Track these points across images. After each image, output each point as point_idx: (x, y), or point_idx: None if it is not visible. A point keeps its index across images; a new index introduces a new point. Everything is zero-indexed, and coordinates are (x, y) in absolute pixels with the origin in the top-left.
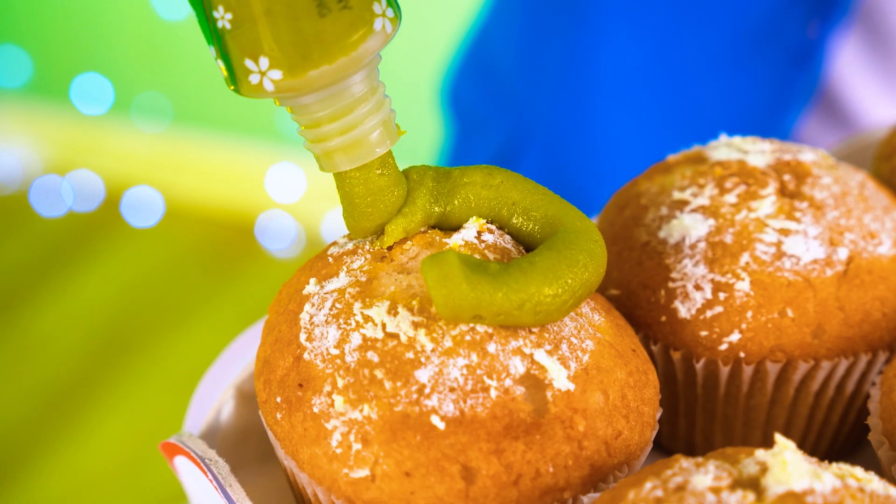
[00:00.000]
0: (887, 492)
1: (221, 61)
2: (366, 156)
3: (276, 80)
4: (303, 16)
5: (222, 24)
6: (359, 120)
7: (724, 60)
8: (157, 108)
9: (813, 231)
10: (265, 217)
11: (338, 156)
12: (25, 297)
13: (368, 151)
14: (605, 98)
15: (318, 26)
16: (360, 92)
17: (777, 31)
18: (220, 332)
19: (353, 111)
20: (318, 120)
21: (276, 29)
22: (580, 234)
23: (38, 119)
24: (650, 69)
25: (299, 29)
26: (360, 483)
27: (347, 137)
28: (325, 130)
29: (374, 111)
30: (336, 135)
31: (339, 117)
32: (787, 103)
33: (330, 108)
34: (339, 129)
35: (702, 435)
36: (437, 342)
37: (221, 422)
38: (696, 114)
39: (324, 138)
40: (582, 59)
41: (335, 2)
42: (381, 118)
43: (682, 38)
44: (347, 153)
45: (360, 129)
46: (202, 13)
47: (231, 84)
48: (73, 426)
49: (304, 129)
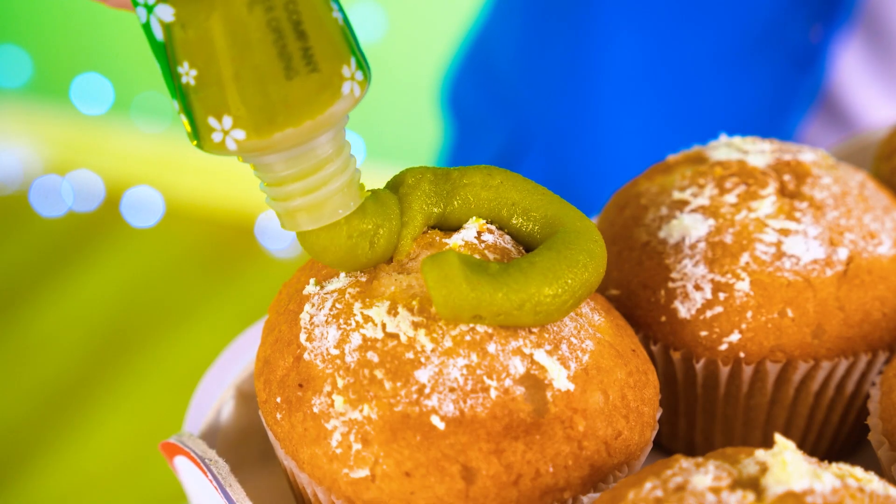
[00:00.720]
0: (887, 492)
1: (184, 116)
2: (329, 216)
3: (240, 140)
4: (270, 78)
5: (186, 79)
6: (324, 180)
7: (726, 63)
8: (157, 108)
9: (813, 231)
10: (265, 217)
11: (300, 216)
12: (25, 297)
13: (332, 212)
14: (606, 100)
15: (284, 89)
16: (325, 153)
17: (780, 34)
18: (220, 332)
19: (318, 172)
20: (281, 179)
21: (243, 91)
22: (580, 235)
23: (38, 119)
24: (652, 71)
25: (266, 92)
26: (360, 483)
27: (311, 198)
28: (288, 190)
29: (340, 172)
30: (299, 195)
31: (304, 177)
32: (790, 107)
33: (294, 168)
34: (303, 189)
35: (702, 435)
36: (437, 342)
37: (221, 422)
38: (698, 116)
39: (287, 197)
40: (583, 60)
41: (303, 64)
42: (346, 179)
43: (685, 40)
44: (310, 213)
45: (325, 189)
46: (166, 67)
47: (193, 139)
48: (73, 426)
49: (267, 186)
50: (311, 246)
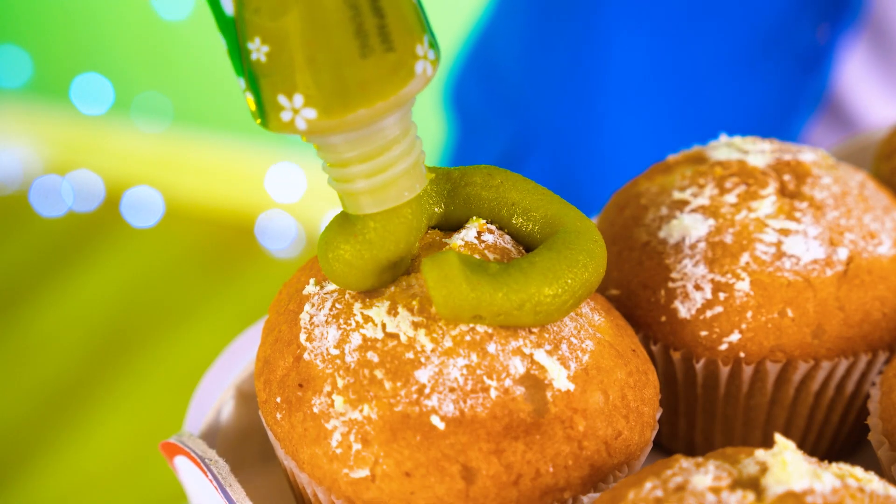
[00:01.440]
0: (887, 492)
1: (251, 94)
2: (394, 199)
3: (311, 120)
4: (345, 57)
5: (257, 56)
6: (389, 163)
7: (732, 64)
8: (157, 108)
9: (813, 231)
10: (265, 217)
11: (364, 198)
12: (25, 297)
13: (397, 195)
14: (611, 100)
15: (359, 69)
16: (392, 135)
17: (786, 35)
18: (220, 332)
19: (384, 154)
20: (345, 160)
21: (317, 69)
22: (580, 235)
23: (38, 119)
24: (657, 72)
25: (341, 71)
26: (360, 483)
27: (376, 180)
28: (352, 171)
29: (406, 154)
30: (363, 177)
31: (369, 159)
32: (796, 108)
33: (360, 149)
34: (368, 172)
35: (702, 435)
36: (437, 342)
37: (221, 422)
38: (703, 118)
39: (350, 179)
40: (588, 61)
41: (379, 42)
42: (411, 161)
43: (690, 41)
44: (375, 196)
45: (391, 171)
46: (234, 42)
47: (258, 118)
48: (73, 426)
49: (329, 166)
50: (333, 264)
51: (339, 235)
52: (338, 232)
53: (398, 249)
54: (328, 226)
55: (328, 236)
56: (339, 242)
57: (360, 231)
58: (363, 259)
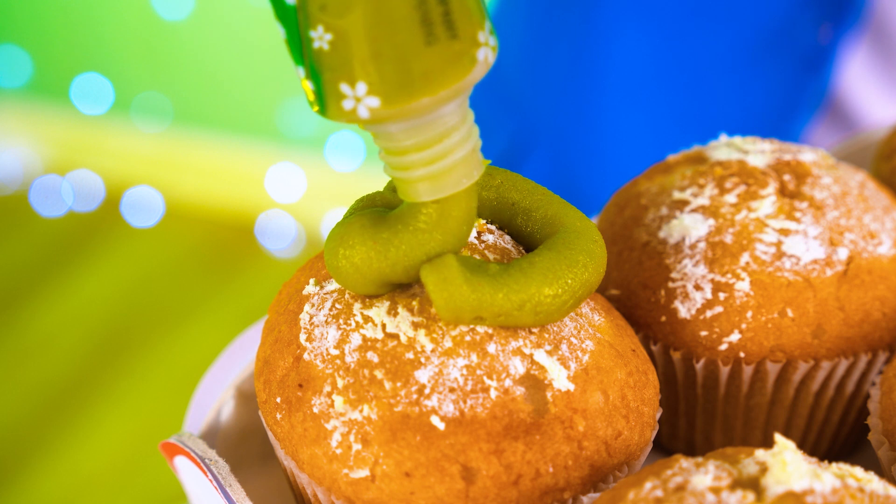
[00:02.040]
0: (887, 492)
1: (311, 82)
2: (452, 186)
3: (373, 108)
4: (410, 45)
5: (319, 44)
6: (447, 150)
7: (733, 64)
8: (157, 108)
9: (813, 231)
10: (265, 217)
11: (422, 186)
12: (25, 297)
13: (456, 182)
14: (612, 100)
15: (424, 57)
16: (451, 122)
17: (787, 35)
18: (220, 332)
19: (443, 141)
20: (403, 149)
21: (382, 57)
22: (580, 235)
23: (38, 119)
24: (658, 72)
25: (405, 59)
26: (360, 483)
27: (434, 168)
28: (409, 160)
29: (464, 141)
30: (421, 165)
31: (427, 147)
32: (797, 109)
33: (418, 137)
34: (426, 160)
35: (702, 435)
36: (437, 342)
37: (221, 422)
38: (703, 118)
39: (408, 167)
40: (589, 61)
41: (444, 30)
42: (469, 148)
43: (691, 41)
44: (433, 183)
45: (449, 159)
46: (294, 30)
47: (317, 106)
48: (73, 426)
49: (387, 154)
50: (341, 266)
51: (357, 235)
52: (358, 231)
53: (454, 240)
54: (348, 221)
55: (344, 232)
56: (355, 242)
57: (409, 225)
58: (371, 267)
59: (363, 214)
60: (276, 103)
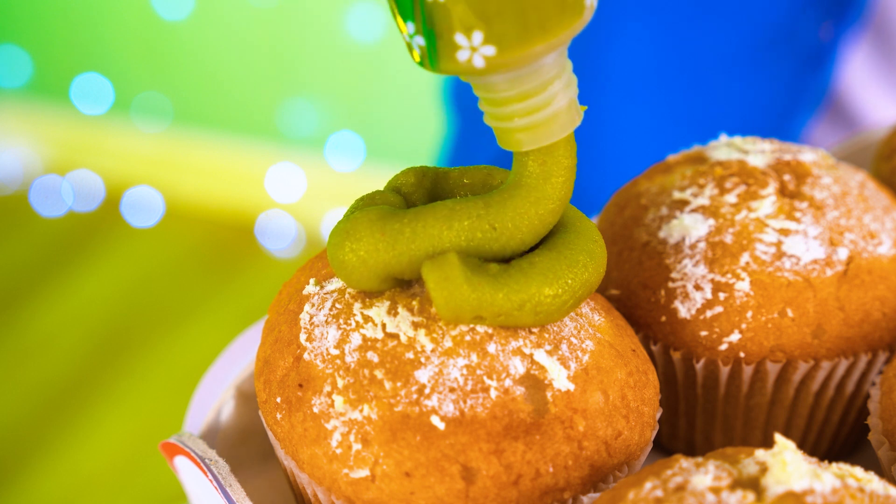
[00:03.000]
0: (887, 492)
1: (422, 37)
2: (554, 134)
3: (489, 57)
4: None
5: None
6: (548, 100)
7: (734, 63)
8: (157, 108)
9: (813, 231)
10: (265, 217)
11: (522, 135)
12: (25, 297)
13: (558, 130)
14: (613, 99)
15: (539, 4)
16: (553, 72)
17: (789, 34)
18: (220, 332)
19: (544, 91)
20: (504, 99)
21: (499, 5)
22: (580, 235)
23: (38, 119)
24: (658, 71)
25: (521, 7)
26: (360, 483)
27: (534, 118)
28: (510, 109)
29: (563, 90)
30: (522, 115)
31: (528, 97)
32: (798, 107)
33: (520, 87)
34: (526, 110)
35: (702, 435)
36: (437, 342)
37: (221, 422)
38: (704, 117)
39: (508, 117)
40: (589, 59)
41: None
42: (569, 97)
43: (691, 40)
44: (534, 132)
45: (549, 109)
46: None
47: (427, 60)
48: (73, 426)
49: (486, 104)
50: (347, 259)
51: (365, 228)
52: (366, 225)
53: (558, 193)
54: (353, 217)
55: (350, 227)
56: (363, 235)
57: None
58: (377, 259)
59: (370, 210)
60: (276, 103)
